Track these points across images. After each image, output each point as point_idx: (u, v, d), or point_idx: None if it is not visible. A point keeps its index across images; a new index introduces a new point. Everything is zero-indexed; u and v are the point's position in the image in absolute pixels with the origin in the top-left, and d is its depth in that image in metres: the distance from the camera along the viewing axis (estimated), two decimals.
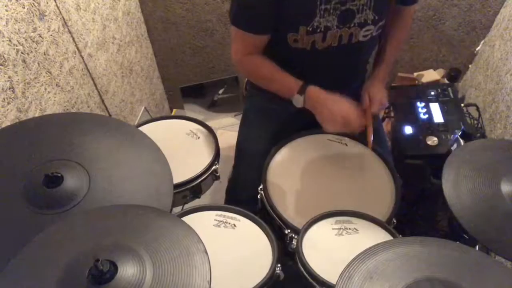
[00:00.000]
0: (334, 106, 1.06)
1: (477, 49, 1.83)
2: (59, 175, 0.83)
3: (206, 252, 0.69)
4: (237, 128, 1.39)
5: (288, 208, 1.05)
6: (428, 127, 1.36)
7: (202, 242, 0.71)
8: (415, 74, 1.89)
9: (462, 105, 1.50)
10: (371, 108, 1.12)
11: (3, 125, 1.05)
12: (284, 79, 1.11)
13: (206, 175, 1.15)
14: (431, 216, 1.47)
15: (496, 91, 1.58)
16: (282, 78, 1.11)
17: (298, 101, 1.09)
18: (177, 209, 1.12)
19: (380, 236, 0.96)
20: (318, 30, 1.02)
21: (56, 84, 1.27)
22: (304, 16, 1.01)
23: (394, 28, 1.20)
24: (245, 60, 1.15)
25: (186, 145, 1.24)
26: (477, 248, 0.96)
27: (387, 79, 1.20)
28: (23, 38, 1.11)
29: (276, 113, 1.30)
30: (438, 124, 1.36)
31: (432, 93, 1.47)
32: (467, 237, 0.88)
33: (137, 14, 1.85)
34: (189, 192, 1.14)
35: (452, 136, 1.29)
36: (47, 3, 1.19)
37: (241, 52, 1.14)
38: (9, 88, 1.07)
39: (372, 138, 1.13)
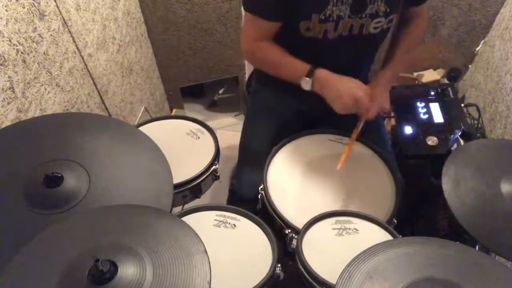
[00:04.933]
0: (342, 85, 1.06)
1: (477, 49, 1.83)
2: (59, 175, 0.83)
3: (206, 252, 0.69)
4: (237, 128, 1.39)
5: (288, 208, 1.05)
6: (428, 127, 1.36)
7: (202, 242, 0.71)
8: (415, 74, 1.89)
9: (462, 105, 1.50)
10: (368, 113, 1.10)
11: (3, 125, 1.05)
12: (292, 63, 1.11)
13: (206, 175, 1.15)
14: (431, 216, 1.47)
15: (496, 91, 1.58)
16: (290, 62, 1.11)
17: (306, 84, 1.09)
18: (177, 209, 1.12)
19: (380, 236, 0.96)
20: (331, 19, 1.03)
21: (56, 84, 1.27)
22: (317, 3, 1.01)
23: (404, 31, 1.19)
24: (254, 46, 1.15)
25: (186, 145, 1.24)
26: (477, 248, 0.96)
27: (392, 83, 1.19)
28: (23, 38, 1.11)
29: (279, 113, 1.30)
30: (438, 124, 1.36)
31: (432, 93, 1.47)
32: (467, 237, 0.88)
33: (137, 14, 1.85)
34: (189, 192, 1.14)
35: (452, 136, 1.29)
36: (47, 3, 1.19)
37: (251, 38, 1.14)
38: (9, 88, 1.07)
39: (356, 134, 1.14)
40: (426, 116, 1.39)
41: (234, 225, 1.02)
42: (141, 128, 1.27)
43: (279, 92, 1.18)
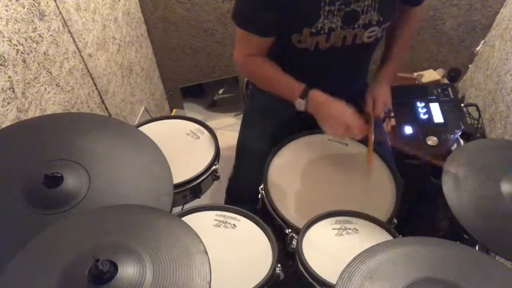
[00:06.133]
0: (337, 111, 1.06)
1: (477, 49, 1.83)
2: (59, 175, 0.83)
3: (206, 252, 0.69)
4: (237, 128, 1.38)
5: (289, 208, 1.05)
6: (428, 127, 1.36)
7: (202, 242, 0.71)
8: (415, 74, 1.88)
9: (462, 105, 1.50)
10: (374, 111, 1.12)
11: (3, 125, 1.05)
12: (287, 82, 1.11)
13: (206, 175, 1.15)
14: (431, 216, 1.47)
15: (496, 91, 1.58)
16: (284, 81, 1.11)
17: (300, 104, 1.09)
18: (177, 209, 1.12)
19: (380, 236, 0.96)
20: (322, 32, 1.02)
21: (56, 84, 1.27)
22: (308, 18, 1.00)
23: (400, 29, 1.20)
24: (248, 62, 1.15)
25: (186, 145, 1.24)
26: (477, 248, 0.96)
27: (392, 81, 1.20)
28: (23, 38, 1.11)
29: (277, 113, 1.30)
30: (438, 124, 1.36)
31: (432, 93, 1.47)
32: (467, 237, 0.88)
33: (137, 14, 1.85)
34: (189, 192, 1.14)
35: (452, 136, 1.29)
36: (47, 3, 1.19)
37: (244, 53, 1.14)
38: (9, 88, 1.07)
39: (372, 144, 1.13)
40: (426, 116, 1.39)
41: (234, 225, 1.02)
42: (141, 128, 1.27)
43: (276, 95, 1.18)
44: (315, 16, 1.00)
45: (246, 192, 1.23)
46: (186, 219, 1.02)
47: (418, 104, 1.43)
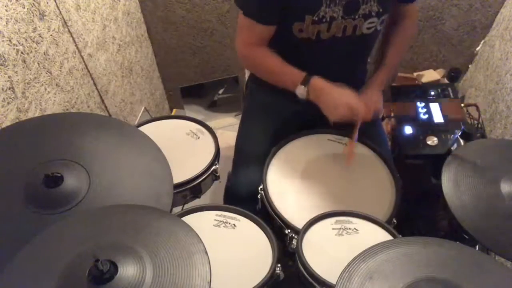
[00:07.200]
0: (338, 94, 1.07)
1: (477, 49, 1.83)
2: (59, 175, 0.83)
3: (206, 252, 0.69)
4: (237, 128, 1.38)
5: (288, 208, 1.05)
6: (428, 127, 1.36)
7: (202, 242, 0.71)
8: (415, 74, 1.89)
9: (462, 105, 1.51)
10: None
11: (3, 125, 1.05)
12: (288, 71, 1.12)
13: (206, 175, 1.15)
14: (431, 216, 1.47)
15: (496, 91, 1.58)
16: (285, 70, 1.12)
17: (302, 92, 1.10)
18: (177, 209, 1.12)
19: (380, 236, 0.96)
20: (324, 20, 1.04)
21: (56, 84, 1.27)
22: (310, 5, 1.02)
23: (397, 27, 1.20)
24: (250, 52, 1.15)
25: (186, 145, 1.24)
26: (477, 248, 0.96)
27: (385, 84, 1.20)
28: (23, 38, 1.11)
29: (276, 113, 1.30)
30: (438, 124, 1.36)
31: (432, 93, 1.47)
32: (467, 237, 0.88)
33: (137, 14, 1.85)
34: (189, 192, 1.14)
35: (452, 136, 1.29)
36: (47, 3, 1.19)
37: (246, 42, 1.14)
38: (9, 88, 1.07)
39: (356, 140, 1.13)
40: (426, 116, 1.39)
41: (234, 225, 1.02)
42: (141, 128, 1.27)
43: (275, 92, 1.18)
44: (318, 4, 1.01)
45: (245, 192, 1.23)
46: (186, 219, 1.02)
47: (418, 104, 1.43)
